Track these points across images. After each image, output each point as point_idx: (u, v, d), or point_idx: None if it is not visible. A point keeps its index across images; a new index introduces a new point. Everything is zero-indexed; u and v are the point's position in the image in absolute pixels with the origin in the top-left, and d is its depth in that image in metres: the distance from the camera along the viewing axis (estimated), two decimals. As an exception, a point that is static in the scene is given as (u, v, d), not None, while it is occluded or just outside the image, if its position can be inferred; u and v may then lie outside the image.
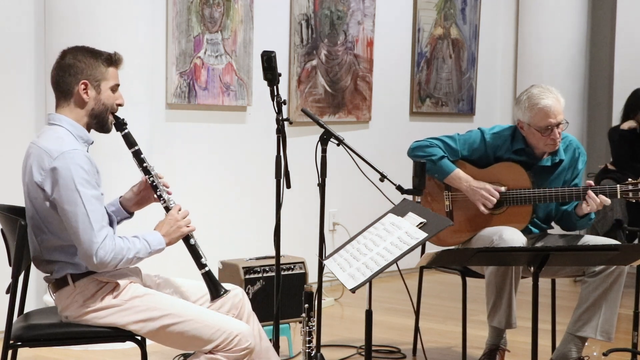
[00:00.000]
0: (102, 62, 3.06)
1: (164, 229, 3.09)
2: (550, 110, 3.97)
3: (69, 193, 2.88)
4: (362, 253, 3.00)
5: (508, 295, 3.95)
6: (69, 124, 3.04)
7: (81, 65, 3.03)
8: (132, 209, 3.30)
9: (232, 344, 2.98)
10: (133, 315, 2.99)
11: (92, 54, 3.07)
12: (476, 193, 4.09)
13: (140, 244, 3.00)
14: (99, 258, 2.88)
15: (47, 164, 2.91)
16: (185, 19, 5.36)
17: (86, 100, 3.04)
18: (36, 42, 4.78)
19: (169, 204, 3.15)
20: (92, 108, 3.06)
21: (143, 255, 3.00)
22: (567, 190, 3.98)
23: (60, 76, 3.05)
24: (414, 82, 7.09)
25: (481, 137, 4.18)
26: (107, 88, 3.07)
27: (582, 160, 4.19)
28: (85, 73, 3.03)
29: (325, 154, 3.64)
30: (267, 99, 3.72)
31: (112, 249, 2.90)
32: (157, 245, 3.04)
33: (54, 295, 3.07)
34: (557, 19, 7.67)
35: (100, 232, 2.90)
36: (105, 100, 3.07)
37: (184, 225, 3.11)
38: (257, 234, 5.68)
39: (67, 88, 3.04)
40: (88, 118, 3.07)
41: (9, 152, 4.78)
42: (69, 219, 2.89)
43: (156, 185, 3.16)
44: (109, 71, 3.07)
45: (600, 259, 3.30)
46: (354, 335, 4.90)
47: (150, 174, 3.15)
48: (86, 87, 3.03)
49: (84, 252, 2.89)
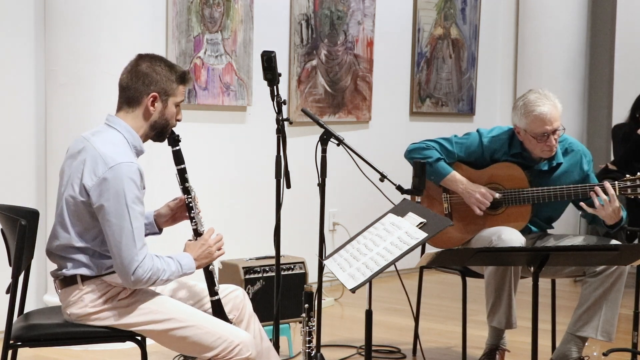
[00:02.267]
0: (176, 79, 3.06)
1: (196, 252, 3.08)
2: (547, 118, 3.95)
3: (118, 206, 2.86)
4: (362, 253, 3.00)
5: (508, 295, 3.95)
6: (127, 130, 3.02)
7: (156, 77, 3.02)
8: (163, 224, 3.31)
9: (233, 353, 2.98)
10: (136, 317, 3.00)
11: (169, 68, 3.06)
12: (471, 196, 4.09)
13: (175, 266, 2.99)
14: (136, 276, 2.88)
15: (101, 170, 2.89)
16: (185, 19, 5.36)
17: (152, 113, 3.04)
18: (36, 41, 4.78)
19: (199, 227, 3.16)
20: (155, 121, 3.06)
21: (174, 277, 3.01)
22: (566, 189, 3.98)
23: (132, 82, 3.03)
24: (414, 82, 7.09)
25: (479, 139, 4.17)
26: (172, 103, 3.07)
27: (587, 161, 4.16)
28: (159, 86, 3.02)
29: (325, 154, 3.64)
30: (267, 99, 3.72)
31: (149, 269, 2.90)
32: (188, 269, 3.04)
33: (59, 290, 3.06)
34: (557, 19, 7.67)
35: (142, 251, 2.90)
36: (168, 115, 3.08)
37: (215, 250, 3.12)
38: (257, 234, 5.68)
39: (135, 95, 3.03)
40: (148, 129, 3.07)
41: (9, 152, 4.78)
42: (114, 231, 2.87)
43: (192, 207, 3.16)
44: (179, 88, 3.07)
45: (600, 259, 3.30)
46: (354, 335, 4.90)
47: (190, 194, 3.16)
48: (155, 99, 3.03)
49: (122, 268, 2.88)
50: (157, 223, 3.28)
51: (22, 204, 3.25)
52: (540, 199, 4.01)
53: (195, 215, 3.17)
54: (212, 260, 3.12)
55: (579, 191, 3.97)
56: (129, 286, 2.95)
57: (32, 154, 4.84)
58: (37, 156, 4.84)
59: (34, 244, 3.14)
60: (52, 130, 4.72)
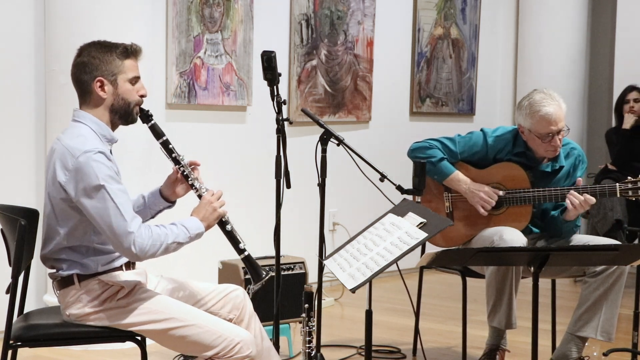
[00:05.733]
0: (118, 56, 3.00)
1: (200, 213, 3.05)
2: (552, 118, 3.95)
3: (94, 191, 2.85)
4: (362, 253, 3.00)
5: (508, 295, 3.95)
6: (92, 122, 3.00)
7: (95, 61, 2.98)
8: (172, 197, 3.26)
9: (234, 351, 2.98)
10: (136, 317, 2.99)
11: (106, 49, 3.00)
12: (475, 195, 4.09)
13: (178, 230, 2.96)
14: (138, 247, 2.85)
15: (70, 163, 2.88)
16: (185, 19, 5.36)
17: (103, 97, 2.99)
18: (36, 41, 4.78)
19: (201, 192, 3.12)
20: (112, 104, 3.01)
21: (183, 240, 2.96)
22: (567, 190, 3.98)
23: (77, 75, 3.02)
24: (414, 82, 7.09)
25: (483, 139, 4.17)
26: (124, 81, 3.01)
27: (582, 168, 4.17)
28: (100, 69, 2.98)
29: (325, 154, 3.64)
30: (267, 99, 3.72)
31: (149, 236, 2.87)
32: (196, 229, 3.00)
33: (57, 292, 3.06)
34: (557, 19, 7.67)
35: (133, 222, 2.87)
36: (125, 95, 3.01)
37: (218, 206, 3.08)
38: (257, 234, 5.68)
39: (84, 87, 3.01)
40: (110, 114, 3.02)
41: (9, 152, 4.78)
42: (101, 215, 2.85)
43: (187, 174, 3.13)
44: (125, 64, 3.00)
45: (600, 259, 3.30)
46: (354, 335, 4.90)
47: (180, 164, 3.12)
48: (102, 83, 2.98)
49: (122, 244, 2.85)
50: (165, 197, 3.24)
51: (22, 204, 3.24)
52: (542, 199, 4.01)
53: (193, 182, 3.13)
54: (218, 216, 3.07)
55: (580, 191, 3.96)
56: (138, 260, 2.90)
57: (32, 154, 4.84)
58: (37, 156, 4.84)
59: (33, 244, 3.14)
60: (52, 130, 4.72)
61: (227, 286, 3.30)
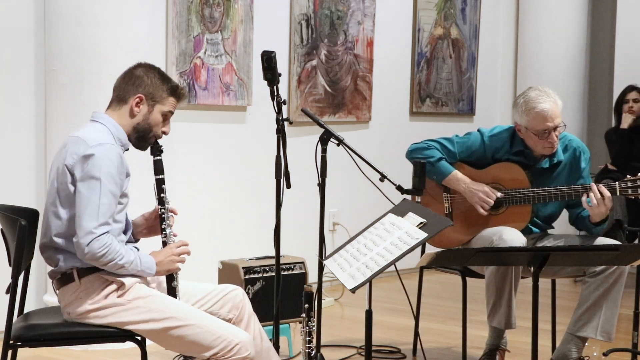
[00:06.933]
0: (167, 89, 3.13)
1: (159, 257, 3.10)
2: (548, 114, 3.95)
3: (91, 180, 2.91)
4: (362, 253, 3.00)
5: (508, 295, 3.95)
6: (112, 124, 3.09)
7: (147, 81, 3.10)
8: (138, 235, 3.32)
9: (232, 352, 2.98)
10: (135, 315, 2.99)
11: (161, 76, 3.14)
12: (474, 195, 4.09)
13: (134, 257, 3.01)
14: (90, 248, 2.89)
15: (82, 150, 2.95)
16: (185, 19, 5.36)
17: (135, 113, 3.10)
18: (36, 41, 4.78)
19: (168, 240, 3.17)
20: (138, 123, 3.12)
21: (130, 269, 2.99)
22: (566, 189, 3.98)
23: (123, 82, 3.12)
24: (414, 82, 7.09)
25: (480, 139, 4.17)
26: (159, 112, 3.12)
27: (585, 159, 4.17)
28: (147, 89, 3.10)
29: (325, 154, 3.64)
30: (267, 99, 3.72)
31: (106, 246, 2.91)
32: (147, 268, 3.05)
33: (57, 291, 3.06)
34: (557, 19, 7.67)
35: (102, 227, 2.91)
36: (152, 121, 3.13)
37: (177, 260, 3.12)
38: (257, 234, 5.68)
39: (123, 95, 3.11)
40: (131, 130, 3.12)
41: (9, 152, 4.78)
42: (81, 202, 2.91)
43: (164, 218, 3.18)
44: (168, 99, 3.14)
45: (600, 259, 3.30)
46: (354, 335, 4.90)
47: (164, 206, 3.18)
48: (140, 101, 3.09)
49: (79, 237, 2.90)
50: (133, 233, 3.28)
51: (22, 204, 3.25)
52: (541, 198, 4.01)
53: (166, 227, 3.19)
54: (173, 269, 3.11)
55: (580, 191, 3.97)
56: (82, 257, 2.93)
57: (32, 154, 4.84)
58: (37, 156, 4.84)
59: (33, 244, 3.15)
60: (52, 130, 4.72)
61: (227, 286, 3.30)
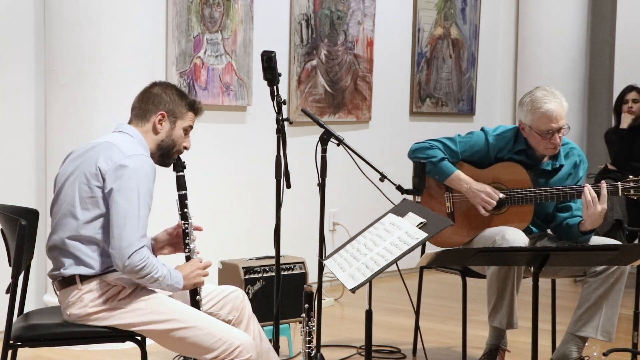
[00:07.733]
0: (186, 104, 3.17)
1: (185, 270, 3.10)
2: (553, 115, 3.95)
3: (129, 191, 2.92)
4: (362, 253, 3.00)
5: (510, 295, 3.95)
6: (138, 137, 3.12)
7: (166, 98, 3.14)
8: (159, 251, 3.32)
9: (233, 355, 2.98)
10: (138, 317, 3.00)
11: (179, 93, 3.19)
12: (476, 196, 4.08)
13: (166, 272, 3.00)
14: (131, 261, 2.89)
15: (117, 157, 2.96)
16: (185, 19, 5.36)
17: (158, 130, 3.13)
18: (36, 41, 4.78)
19: (192, 255, 3.18)
20: (162, 140, 3.15)
21: (162, 283, 3.00)
22: (569, 189, 3.98)
23: (142, 101, 3.16)
24: (414, 82, 7.09)
25: (484, 138, 4.17)
26: (180, 127, 3.16)
27: (584, 168, 4.17)
28: (167, 106, 3.14)
29: (325, 154, 3.64)
30: (267, 99, 3.72)
31: (145, 259, 2.91)
32: (176, 282, 3.04)
33: (58, 292, 3.06)
34: (557, 19, 7.67)
35: (142, 240, 2.93)
36: (175, 138, 3.17)
37: (202, 274, 3.14)
38: (257, 234, 5.68)
39: (143, 114, 3.14)
40: (155, 147, 3.15)
41: (9, 152, 4.78)
42: (119, 212, 2.90)
43: (188, 233, 3.19)
44: (188, 114, 3.18)
45: (600, 259, 3.30)
46: (354, 335, 4.90)
47: (187, 221, 3.18)
48: (163, 118, 3.13)
49: (120, 250, 2.89)
50: (154, 249, 3.29)
51: (22, 204, 3.25)
52: (543, 198, 4.01)
53: (190, 242, 3.19)
54: (199, 282, 3.12)
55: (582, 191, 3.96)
56: (121, 270, 2.93)
57: (32, 154, 4.84)
58: (37, 156, 4.84)
59: (33, 244, 3.14)
60: (52, 130, 4.72)
61: (227, 287, 3.31)
